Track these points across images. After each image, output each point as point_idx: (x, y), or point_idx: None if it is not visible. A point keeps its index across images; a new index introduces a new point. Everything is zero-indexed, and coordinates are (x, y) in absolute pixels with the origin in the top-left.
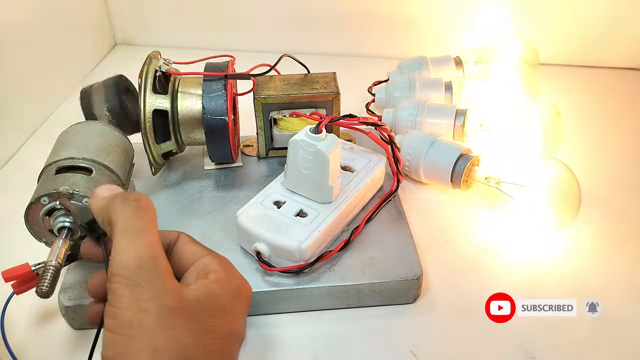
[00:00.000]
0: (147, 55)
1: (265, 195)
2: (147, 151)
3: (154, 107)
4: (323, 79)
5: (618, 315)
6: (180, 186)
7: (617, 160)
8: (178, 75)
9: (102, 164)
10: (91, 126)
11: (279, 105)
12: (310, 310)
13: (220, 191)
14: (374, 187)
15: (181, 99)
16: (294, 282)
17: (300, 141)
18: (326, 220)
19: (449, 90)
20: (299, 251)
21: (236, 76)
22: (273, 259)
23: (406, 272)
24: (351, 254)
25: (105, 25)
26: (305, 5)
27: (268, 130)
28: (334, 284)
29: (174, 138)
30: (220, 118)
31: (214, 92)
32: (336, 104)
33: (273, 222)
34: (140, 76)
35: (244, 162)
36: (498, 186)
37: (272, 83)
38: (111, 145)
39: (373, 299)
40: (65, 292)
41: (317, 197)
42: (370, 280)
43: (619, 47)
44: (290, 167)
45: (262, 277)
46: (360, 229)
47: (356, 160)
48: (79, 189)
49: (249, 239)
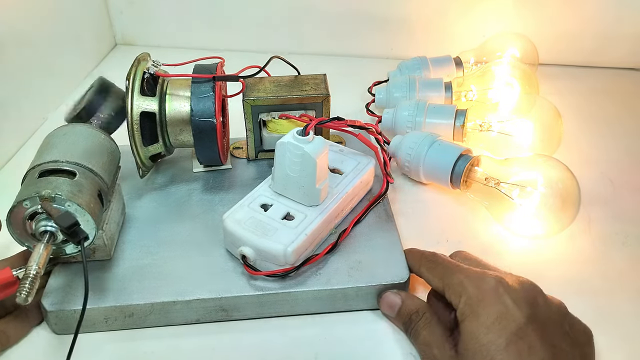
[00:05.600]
0: (135, 57)
1: (252, 198)
2: (135, 153)
3: (141, 110)
4: (313, 81)
5: (618, 315)
6: (169, 189)
7: (617, 160)
8: (167, 77)
9: (86, 167)
10: (76, 129)
11: (268, 107)
12: (297, 314)
13: (208, 194)
14: (362, 189)
15: (169, 100)
16: (279, 286)
17: (287, 143)
18: (313, 224)
19: (449, 90)
20: (285, 255)
21: (225, 78)
22: (259, 262)
23: (393, 276)
24: (338, 258)
25: (105, 25)
26: (305, 6)
27: (257, 132)
28: (320, 287)
29: (162, 140)
30: (209, 120)
31: (202, 94)
32: (326, 106)
33: (259, 225)
34: (128, 78)
35: (233, 164)
36: (498, 187)
37: (261, 85)
38: (96, 148)
39: (360, 302)
40: (48, 296)
41: (305, 200)
42: (357, 284)
43: (619, 47)
44: (278, 170)
45: (248, 281)
46: (348, 232)
47: (345, 163)
48: (62, 192)
49: (235, 243)
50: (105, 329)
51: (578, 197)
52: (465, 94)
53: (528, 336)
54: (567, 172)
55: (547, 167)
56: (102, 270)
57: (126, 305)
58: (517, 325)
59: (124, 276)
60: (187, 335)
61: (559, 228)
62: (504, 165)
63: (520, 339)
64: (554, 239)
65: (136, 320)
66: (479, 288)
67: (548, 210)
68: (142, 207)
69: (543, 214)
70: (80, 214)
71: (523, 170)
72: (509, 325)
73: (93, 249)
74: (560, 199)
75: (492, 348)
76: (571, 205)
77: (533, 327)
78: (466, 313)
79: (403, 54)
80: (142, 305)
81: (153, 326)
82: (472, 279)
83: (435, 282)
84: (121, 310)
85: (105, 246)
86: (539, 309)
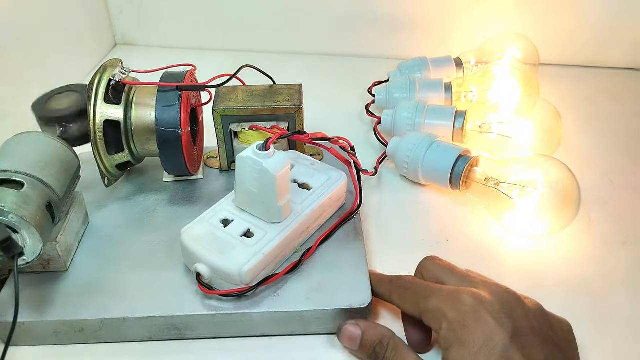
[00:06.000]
0: (102, 64)
1: (214, 213)
2: (98, 162)
3: (105, 117)
4: (287, 91)
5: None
6: (136, 199)
7: (616, 160)
8: (134, 85)
9: (35, 177)
10: (31, 137)
11: (239, 118)
12: (253, 335)
13: (175, 205)
14: (332, 206)
15: (135, 109)
16: (234, 307)
17: (246, 158)
18: (272, 242)
19: (449, 91)
20: (239, 275)
21: (190, 87)
22: (214, 280)
23: (354, 300)
24: (299, 278)
25: (105, 25)
26: (305, 6)
27: (229, 143)
28: (276, 309)
29: (127, 149)
30: (173, 130)
31: (168, 103)
32: (299, 118)
33: (216, 242)
34: (91, 85)
35: (206, 174)
36: (497, 187)
37: (234, 94)
38: (49, 158)
39: (319, 326)
40: None
41: (266, 217)
42: (315, 308)
43: (619, 47)
44: (239, 185)
45: (202, 300)
46: (313, 251)
47: (315, 177)
48: (5, 204)
49: (191, 259)
50: (56, 342)
51: (578, 197)
52: (465, 94)
53: (514, 355)
54: (566, 172)
55: (547, 166)
56: (56, 282)
57: (76, 320)
58: (503, 345)
59: (78, 289)
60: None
61: (559, 227)
62: (504, 165)
63: (509, 357)
64: (554, 240)
65: (87, 336)
66: (458, 311)
67: (548, 209)
68: (107, 217)
69: (543, 213)
70: (25, 227)
71: (523, 170)
72: (495, 347)
73: (48, 260)
74: (560, 198)
75: None
76: (571, 205)
77: (518, 344)
78: (450, 341)
79: (403, 54)
80: (91, 320)
81: (105, 342)
82: (449, 301)
83: (409, 309)
84: (71, 325)
85: (60, 257)
86: (519, 321)
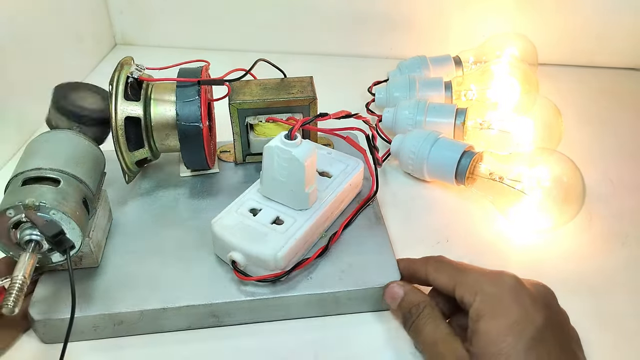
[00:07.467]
0: (118, 62)
1: (240, 203)
2: (120, 159)
3: (126, 114)
4: (299, 84)
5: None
6: (155, 194)
7: (616, 160)
8: (151, 82)
9: (70, 174)
10: (59, 135)
11: (255, 111)
12: (288, 318)
13: (196, 199)
14: (351, 192)
15: (154, 105)
16: (270, 291)
17: (274, 147)
18: (302, 228)
19: (449, 89)
20: (275, 260)
21: (210, 82)
22: (249, 268)
23: (384, 279)
24: (329, 261)
25: (105, 25)
26: (305, 6)
27: (244, 136)
28: (311, 292)
29: (147, 145)
30: (195, 125)
31: (188, 98)
32: (313, 109)
33: (248, 230)
34: (111, 83)
35: (220, 168)
36: (502, 181)
37: (247, 88)
38: (80, 154)
39: (351, 306)
40: (35, 306)
41: (294, 204)
42: (347, 288)
43: (619, 47)
44: (266, 174)
45: (238, 287)
46: (338, 236)
47: (333, 165)
48: (46, 200)
49: (224, 248)
50: (95, 337)
51: (582, 190)
52: (465, 93)
53: (546, 341)
54: (570, 165)
55: (551, 160)
56: (90, 278)
57: (115, 313)
58: (536, 328)
59: (112, 283)
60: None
61: (563, 221)
62: (508, 159)
63: (539, 343)
64: (556, 237)
65: (126, 328)
66: (496, 286)
67: (552, 202)
68: (129, 212)
69: (547, 206)
70: (66, 222)
71: (526, 164)
72: (527, 328)
73: (80, 257)
74: (564, 191)
75: (512, 352)
76: (575, 198)
77: (550, 331)
78: (483, 312)
79: (403, 53)
80: (131, 312)
81: (143, 333)
82: (489, 277)
83: (443, 280)
84: (110, 318)
85: (92, 253)
86: (553, 313)
